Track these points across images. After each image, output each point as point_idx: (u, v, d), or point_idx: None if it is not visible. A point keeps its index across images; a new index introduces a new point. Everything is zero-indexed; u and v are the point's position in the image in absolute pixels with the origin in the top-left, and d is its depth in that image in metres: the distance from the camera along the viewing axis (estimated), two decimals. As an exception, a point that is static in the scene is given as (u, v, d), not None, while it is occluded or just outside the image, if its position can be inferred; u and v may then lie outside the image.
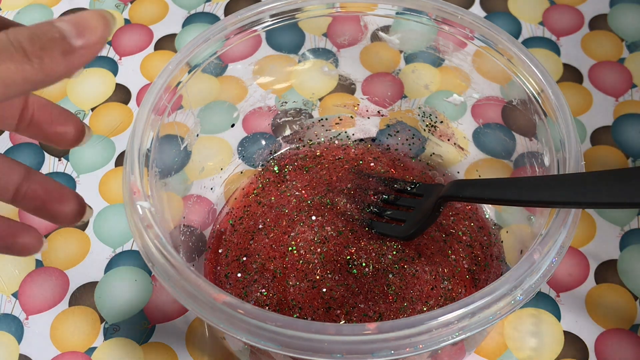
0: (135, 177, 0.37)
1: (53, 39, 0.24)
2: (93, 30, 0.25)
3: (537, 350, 0.45)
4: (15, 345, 0.46)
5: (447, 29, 0.44)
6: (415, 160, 0.52)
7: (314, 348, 0.31)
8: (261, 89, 0.51)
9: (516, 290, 0.33)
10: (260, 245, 0.46)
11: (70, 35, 0.24)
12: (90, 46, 0.25)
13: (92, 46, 0.25)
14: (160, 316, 0.47)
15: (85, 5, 0.65)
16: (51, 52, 0.24)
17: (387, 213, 0.47)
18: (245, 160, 0.52)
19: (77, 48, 0.24)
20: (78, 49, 0.24)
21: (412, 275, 0.45)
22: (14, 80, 0.23)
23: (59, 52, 0.24)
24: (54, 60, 0.24)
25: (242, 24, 0.44)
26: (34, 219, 0.51)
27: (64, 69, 0.25)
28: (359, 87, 0.54)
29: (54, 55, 0.24)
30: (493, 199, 0.40)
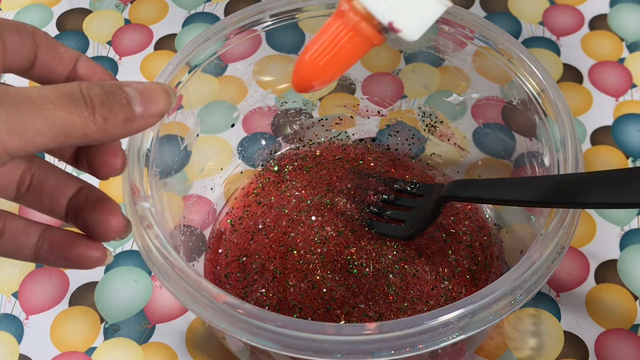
0: (135, 177, 0.37)
1: (120, 103, 0.25)
2: (156, 104, 0.26)
3: (537, 350, 0.45)
4: (15, 345, 0.46)
5: (447, 29, 0.44)
6: (415, 160, 0.52)
7: (314, 348, 0.31)
8: (261, 89, 0.51)
9: (516, 290, 0.33)
10: (260, 245, 0.46)
11: (135, 104, 0.25)
12: (149, 118, 0.26)
13: (150, 118, 0.26)
14: (160, 316, 0.47)
15: (85, 6, 0.65)
16: (115, 115, 0.24)
17: (387, 213, 0.47)
18: (245, 160, 0.52)
19: (138, 117, 0.25)
20: (138, 118, 0.25)
21: (412, 275, 0.45)
22: (76, 133, 0.24)
23: (122, 117, 0.25)
24: (116, 124, 0.25)
25: (242, 24, 0.44)
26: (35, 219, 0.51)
27: (120, 134, 0.25)
28: (359, 87, 0.54)
29: (117, 119, 0.25)
30: (493, 199, 0.40)
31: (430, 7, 0.28)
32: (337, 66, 0.30)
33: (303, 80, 0.31)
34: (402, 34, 0.28)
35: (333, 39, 0.29)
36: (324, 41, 0.29)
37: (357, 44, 0.29)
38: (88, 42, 0.62)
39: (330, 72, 0.30)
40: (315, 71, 0.30)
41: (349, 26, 0.29)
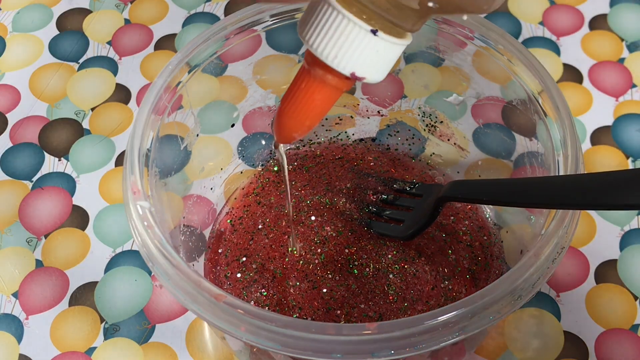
0: (135, 177, 0.37)
1: None
2: None
3: (537, 350, 0.45)
4: (15, 345, 0.46)
5: (447, 28, 0.44)
6: (415, 160, 0.52)
7: (314, 348, 0.31)
8: (261, 89, 0.51)
9: (516, 290, 0.33)
10: (260, 245, 0.46)
11: None
12: None
13: None
14: (160, 316, 0.47)
15: (85, 6, 0.65)
16: None
17: (386, 213, 0.47)
18: (245, 160, 0.52)
19: None
20: None
21: (412, 275, 0.45)
22: None
23: None
24: None
25: (242, 24, 0.44)
26: (34, 219, 0.52)
27: None
28: (359, 87, 0.54)
29: None
30: (492, 199, 0.40)
31: (389, 51, 0.30)
32: (312, 117, 0.32)
33: (284, 134, 0.33)
34: (366, 80, 0.30)
35: (304, 94, 0.31)
36: (296, 97, 0.31)
37: (327, 93, 0.31)
38: (88, 42, 0.62)
39: (308, 122, 0.32)
40: (293, 125, 0.32)
41: (317, 80, 0.31)
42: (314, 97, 0.31)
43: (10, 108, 0.58)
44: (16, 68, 0.61)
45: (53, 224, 0.51)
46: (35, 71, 0.60)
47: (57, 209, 0.52)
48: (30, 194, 0.53)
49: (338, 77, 0.30)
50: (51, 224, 0.51)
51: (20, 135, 0.57)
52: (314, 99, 0.31)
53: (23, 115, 0.58)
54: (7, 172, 0.54)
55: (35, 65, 0.61)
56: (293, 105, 0.32)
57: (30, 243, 0.50)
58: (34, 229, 0.51)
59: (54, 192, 0.53)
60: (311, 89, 0.31)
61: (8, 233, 0.51)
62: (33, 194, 0.53)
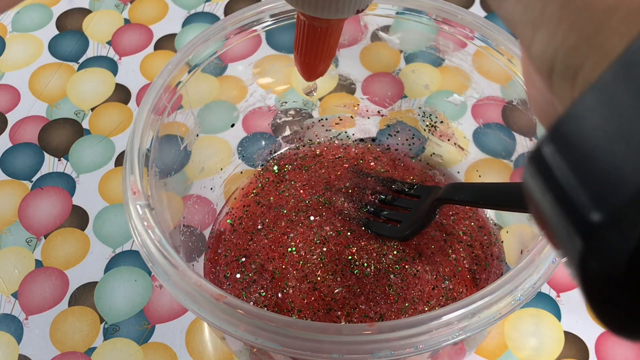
0: (135, 177, 0.37)
1: None
2: None
3: (537, 350, 0.45)
4: (15, 346, 0.46)
5: (447, 28, 0.44)
6: (415, 160, 0.52)
7: (314, 348, 0.31)
8: (261, 89, 0.51)
9: (516, 290, 0.33)
10: (260, 245, 0.46)
11: None
12: None
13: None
14: (160, 316, 0.47)
15: (85, 6, 0.65)
16: None
17: (384, 213, 0.47)
18: (245, 160, 0.52)
19: None
20: None
21: (413, 275, 0.45)
22: None
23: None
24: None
25: (242, 23, 0.44)
26: (34, 219, 0.51)
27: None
28: (359, 87, 0.54)
29: None
30: (488, 203, 0.40)
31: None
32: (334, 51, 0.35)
33: (316, 74, 0.36)
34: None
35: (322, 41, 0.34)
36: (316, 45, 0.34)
37: (339, 30, 0.34)
38: (88, 42, 0.62)
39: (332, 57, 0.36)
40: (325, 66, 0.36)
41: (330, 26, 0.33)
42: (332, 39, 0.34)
43: (10, 108, 0.58)
44: (16, 68, 0.61)
45: (53, 224, 0.51)
46: (35, 71, 0.60)
47: (57, 209, 0.52)
48: (30, 194, 0.53)
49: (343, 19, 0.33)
50: (51, 224, 0.51)
51: (20, 135, 0.57)
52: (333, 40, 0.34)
53: (23, 115, 0.58)
54: (6, 172, 0.54)
55: (35, 65, 0.61)
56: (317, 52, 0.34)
57: (30, 243, 0.50)
58: (33, 229, 0.51)
59: (53, 192, 0.53)
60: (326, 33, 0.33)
61: (8, 233, 0.51)
62: (33, 194, 0.53)
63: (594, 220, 0.15)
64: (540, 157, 0.16)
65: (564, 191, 0.16)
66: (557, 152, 0.16)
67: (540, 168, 0.16)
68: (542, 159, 0.16)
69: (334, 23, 0.33)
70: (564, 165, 0.16)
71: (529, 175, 0.17)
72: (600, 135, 0.15)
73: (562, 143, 0.16)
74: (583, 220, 0.15)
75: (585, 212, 0.15)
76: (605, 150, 0.15)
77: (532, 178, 0.17)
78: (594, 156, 0.15)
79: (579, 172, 0.15)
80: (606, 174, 0.15)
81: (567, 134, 0.16)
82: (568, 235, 0.16)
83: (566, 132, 0.16)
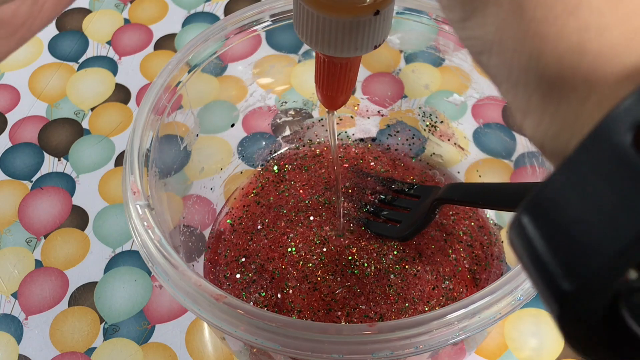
0: (135, 177, 0.37)
1: None
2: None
3: (537, 351, 0.45)
4: (14, 346, 0.46)
5: (447, 28, 0.44)
6: (415, 160, 0.52)
7: (314, 348, 0.31)
8: (261, 89, 0.51)
9: (517, 290, 0.33)
10: (259, 246, 0.46)
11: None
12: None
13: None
14: (160, 316, 0.47)
15: (85, 6, 0.65)
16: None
17: (383, 213, 0.47)
18: (245, 160, 0.52)
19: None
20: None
21: (413, 275, 0.45)
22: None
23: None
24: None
25: (242, 23, 0.44)
26: (35, 219, 0.51)
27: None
28: (359, 87, 0.54)
29: None
30: (488, 203, 0.40)
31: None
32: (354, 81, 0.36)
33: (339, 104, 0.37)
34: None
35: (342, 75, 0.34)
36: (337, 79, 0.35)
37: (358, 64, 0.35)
38: (88, 41, 0.62)
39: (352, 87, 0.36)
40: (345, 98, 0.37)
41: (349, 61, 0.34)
42: (352, 73, 0.35)
43: (10, 108, 0.58)
44: (16, 68, 0.61)
45: (53, 224, 0.51)
46: (35, 71, 0.60)
47: (57, 209, 0.52)
48: (30, 194, 0.53)
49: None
50: (51, 224, 0.51)
51: (19, 135, 0.56)
52: (352, 73, 0.35)
53: (23, 115, 0.58)
54: (6, 172, 0.54)
55: (35, 65, 0.61)
56: (337, 85, 0.35)
57: (29, 243, 0.50)
58: (33, 229, 0.51)
59: (53, 192, 0.53)
60: (346, 68, 0.34)
61: (7, 233, 0.51)
62: (33, 194, 0.53)
63: (565, 289, 0.16)
64: (520, 225, 0.18)
65: (540, 259, 0.17)
66: (533, 223, 0.17)
67: (520, 234, 0.18)
68: (521, 227, 0.18)
69: (353, 58, 0.33)
70: (539, 236, 0.17)
71: (512, 236, 0.18)
72: (570, 211, 0.16)
73: (537, 215, 0.17)
74: (556, 288, 0.16)
75: (558, 281, 0.16)
76: (575, 224, 0.16)
77: (514, 240, 0.18)
78: (565, 230, 0.16)
79: (552, 244, 0.17)
80: (577, 246, 0.16)
81: (542, 207, 0.17)
82: (547, 297, 0.17)
83: (541, 205, 0.17)
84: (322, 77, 0.35)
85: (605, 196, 0.16)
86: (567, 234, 0.16)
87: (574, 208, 0.16)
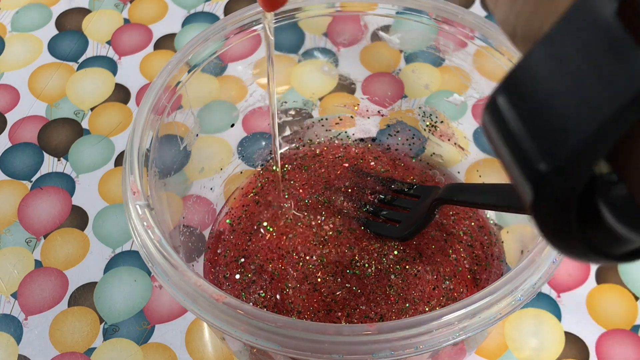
0: (135, 177, 0.37)
1: None
2: None
3: (537, 351, 0.45)
4: (14, 346, 0.46)
5: (447, 28, 0.44)
6: (416, 160, 0.52)
7: (314, 348, 0.31)
8: (261, 89, 0.51)
9: (517, 290, 0.33)
10: (259, 246, 0.46)
11: None
12: None
13: None
14: (160, 316, 0.47)
15: (85, 6, 0.65)
16: None
17: (383, 213, 0.47)
18: (244, 160, 0.52)
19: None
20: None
21: (413, 275, 0.45)
22: None
23: None
24: None
25: (242, 23, 0.44)
26: (34, 219, 0.51)
27: None
28: (359, 87, 0.54)
29: None
30: (487, 204, 0.40)
31: None
32: None
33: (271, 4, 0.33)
34: None
35: None
36: None
37: None
38: (87, 41, 0.62)
39: None
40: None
41: None
42: None
43: (10, 108, 0.58)
44: (15, 68, 0.61)
45: (52, 224, 0.51)
46: (35, 71, 0.60)
47: (57, 209, 0.52)
48: (30, 194, 0.53)
49: None
50: (50, 224, 0.51)
51: (19, 135, 0.56)
52: None
53: (22, 115, 0.58)
54: (6, 172, 0.54)
55: (35, 65, 0.61)
56: None
57: (29, 243, 0.50)
58: (33, 229, 0.51)
59: (53, 192, 0.53)
60: None
61: (7, 233, 0.51)
62: (32, 194, 0.53)
63: (541, 170, 0.16)
64: (494, 106, 0.17)
65: (515, 141, 0.16)
66: (509, 103, 0.17)
67: (494, 116, 0.17)
68: (496, 107, 0.17)
69: None
70: (515, 116, 0.16)
71: (486, 120, 0.17)
72: (547, 89, 0.16)
73: (513, 94, 0.17)
74: (532, 169, 0.16)
75: (534, 162, 0.16)
76: (552, 103, 0.16)
77: (488, 124, 0.17)
78: (542, 108, 0.16)
79: (528, 124, 0.16)
80: (553, 125, 0.16)
81: (518, 86, 0.17)
82: (521, 180, 0.17)
83: (517, 84, 0.17)
84: None
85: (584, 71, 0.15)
86: (543, 112, 0.16)
87: (551, 85, 0.16)
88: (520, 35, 0.18)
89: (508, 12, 0.18)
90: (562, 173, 0.16)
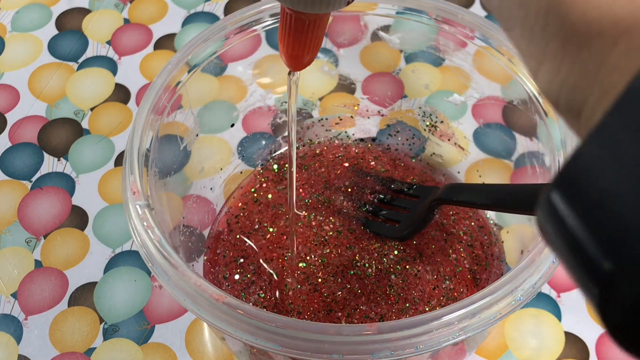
0: (135, 177, 0.37)
1: None
2: None
3: (537, 351, 0.45)
4: (14, 346, 0.46)
5: (447, 28, 0.44)
6: (416, 160, 0.52)
7: (314, 348, 0.31)
8: (261, 89, 0.51)
9: (517, 290, 0.33)
10: (258, 246, 0.46)
11: None
12: None
13: None
14: (160, 316, 0.47)
15: (85, 6, 0.65)
16: None
17: (382, 213, 0.47)
18: (244, 160, 0.52)
19: None
20: None
21: (414, 275, 0.45)
22: None
23: None
24: None
25: (242, 23, 0.44)
26: (34, 219, 0.51)
27: None
28: (359, 87, 0.54)
29: None
30: (486, 204, 0.40)
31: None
32: (320, 41, 0.34)
33: (303, 64, 0.35)
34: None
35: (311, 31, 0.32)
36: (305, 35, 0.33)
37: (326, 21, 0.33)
38: (87, 41, 0.62)
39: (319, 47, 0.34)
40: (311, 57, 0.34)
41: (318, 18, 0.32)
42: (320, 30, 0.33)
43: (10, 108, 0.58)
44: (15, 68, 0.61)
45: (52, 224, 0.51)
46: (35, 71, 0.60)
47: (57, 209, 0.52)
48: (30, 194, 0.53)
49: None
50: (50, 224, 0.51)
51: (19, 135, 0.56)
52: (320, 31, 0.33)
53: (22, 115, 0.58)
54: (6, 172, 0.54)
55: (35, 65, 0.61)
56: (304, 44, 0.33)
57: (29, 243, 0.50)
58: (33, 229, 0.51)
59: (53, 192, 0.53)
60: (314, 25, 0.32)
61: (7, 233, 0.51)
62: (32, 194, 0.53)
63: (606, 270, 0.15)
64: (550, 204, 0.16)
65: (574, 240, 0.15)
66: (565, 200, 0.15)
67: (550, 214, 0.16)
68: (551, 205, 0.16)
69: (322, 15, 0.32)
70: (572, 213, 0.15)
71: (542, 219, 0.16)
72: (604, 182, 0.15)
73: (569, 190, 0.15)
74: (596, 269, 0.15)
75: (597, 261, 0.15)
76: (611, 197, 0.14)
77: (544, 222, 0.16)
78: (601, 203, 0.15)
79: (587, 220, 0.15)
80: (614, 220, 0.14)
81: (573, 181, 0.15)
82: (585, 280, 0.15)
83: (572, 179, 0.15)
84: (288, 35, 0.32)
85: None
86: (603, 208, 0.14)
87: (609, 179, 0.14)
88: (563, 106, 0.17)
89: (551, 80, 0.17)
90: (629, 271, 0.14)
